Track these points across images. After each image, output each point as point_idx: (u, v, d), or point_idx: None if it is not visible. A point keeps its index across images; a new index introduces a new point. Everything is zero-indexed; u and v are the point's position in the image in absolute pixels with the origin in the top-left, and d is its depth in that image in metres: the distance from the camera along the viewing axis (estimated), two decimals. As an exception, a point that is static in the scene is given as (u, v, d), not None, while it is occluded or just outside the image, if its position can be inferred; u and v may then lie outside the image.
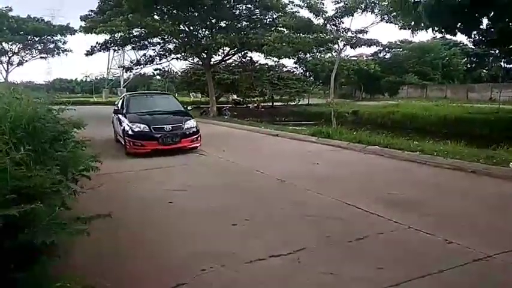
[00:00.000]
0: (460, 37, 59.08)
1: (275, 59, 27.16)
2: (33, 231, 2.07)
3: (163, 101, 12.39)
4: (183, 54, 27.46)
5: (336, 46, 19.53)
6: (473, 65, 48.45)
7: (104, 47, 26.77)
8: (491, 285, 3.25)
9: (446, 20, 15.38)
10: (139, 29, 24.09)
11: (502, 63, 34.72)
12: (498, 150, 8.72)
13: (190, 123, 10.53)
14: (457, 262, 3.59)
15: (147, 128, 9.92)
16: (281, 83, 35.59)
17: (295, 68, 38.59)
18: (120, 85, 64.18)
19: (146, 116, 10.53)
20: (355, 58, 46.96)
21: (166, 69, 34.76)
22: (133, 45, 27.58)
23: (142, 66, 29.91)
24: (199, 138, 10.52)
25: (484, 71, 47.36)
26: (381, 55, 52.27)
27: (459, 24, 16.57)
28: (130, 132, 9.92)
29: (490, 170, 7.24)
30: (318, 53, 25.44)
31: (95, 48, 26.51)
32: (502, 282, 3.29)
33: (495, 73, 42.26)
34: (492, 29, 19.25)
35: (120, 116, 11.05)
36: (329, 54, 28.54)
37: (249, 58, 30.50)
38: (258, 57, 29.60)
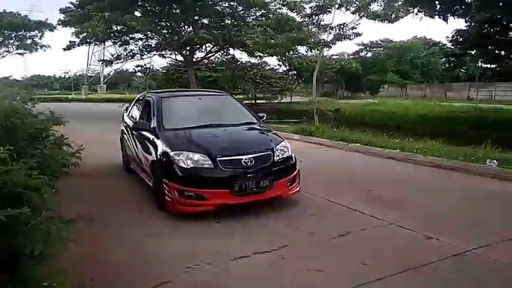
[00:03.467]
0: (439, 37, 60.26)
1: (258, 57, 27.16)
2: (20, 237, 2.02)
3: (220, 106, 6.94)
4: (165, 51, 27.21)
5: (317, 45, 19.63)
6: (452, 64, 49.35)
7: (84, 42, 26.26)
8: (470, 278, 3.34)
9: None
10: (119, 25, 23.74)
11: (479, 63, 35.56)
12: (476, 148, 8.94)
13: (284, 148, 5.54)
14: (437, 257, 3.67)
15: (209, 160, 4.98)
16: (264, 81, 35.60)
17: (278, 66, 38.65)
18: (100, 81, 63.18)
19: (201, 136, 5.58)
20: (337, 57, 47.45)
21: (147, 66, 34.39)
22: (114, 41, 27.14)
23: (123, 61, 29.48)
24: (298, 177, 5.57)
25: (462, 70, 48.37)
26: (362, 54, 52.93)
27: (438, 6, 17.06)
28: (176, 170, 4.99)
29: (468, 167, 7.43)
30: (299, 52, 25.51)
31: (74, 43, 25.99)
32: (480, 276, 3.38)
33: (472, 73, 43.22)
34: (469, 31, 19.79)
35: (145, 133, 6.00)
36: (311, 53, 28.73)
37: (231, 56, 30.44)
38: (240, 55, 29.60)
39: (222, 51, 29.42)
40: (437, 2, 17.29)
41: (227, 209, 4.86)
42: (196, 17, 25.09)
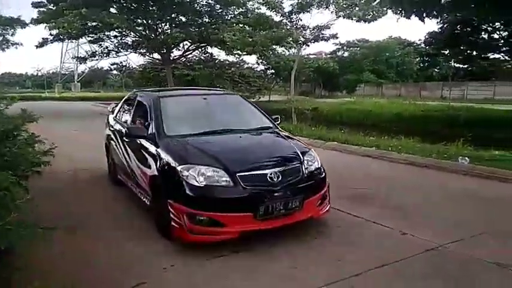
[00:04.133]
0: (414, 37, 61.59)
1: (236, 55, 27.12)
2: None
3: (229, 107, 5.85)
4: (141, 48, 26.82)
5: (295, 44, 19.81)
6: (426, 64, 50.64)
7: (57, 38, 25.58)
8: (443, 272, 3.42)
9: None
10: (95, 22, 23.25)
11: (452, 63, 36.61)
12: (448, 146, 9.18)
13: (312, 159, 4.62)
14: (411, 252, 3.75)
15: (226, 176, 3.99)
16: (242, 80, 35.54)
17: (256, 64, 38.67)
18: (74, 80, 61.73)
19: (213, 145, 4.56)
20: (315, 56, 47.93)
21: (123, 64, 33.83)
22: (89, 38, 26.57)
23: (98, 58, 28.88)
24: (328, 193, 4.68)
25: (436, 70, 49.68)
26: (339, 54, 53.61)
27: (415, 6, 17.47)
28: (185, 189, 3.95)
29: (441, 164, 7.62)
30: (277, 51, 25.62)
31: (47, 40, 25.29)
32: (452, 270, 3.48)
33: (446, 72, 44.44)
34: (442, 32, 20.31)
35: (141, 141, 4.91)
36: (289, 52, 28.90)
37: (209, 54, 30.28)
38: (218, 53, 29.48)
39: (199, 50, 29.25)
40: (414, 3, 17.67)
41: (251, 235, 3.90)
42: (173, 15, 24.83)
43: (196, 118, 5.20)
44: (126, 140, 5.47)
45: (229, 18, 25.16)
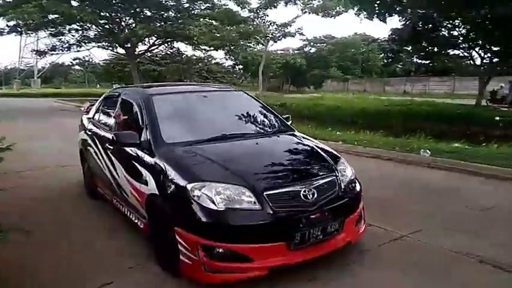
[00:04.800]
0: (378, 33, 62.93)
1: (203, 50, 26.89)
2: None
3: (236, 107, 4.88)
4: (104, 42, 26.05)
5: (262, 39, 19.87)
6: (389, 60, 51.74)
7: (14, 30, 24.38)
8: (406, 260, 3.53)
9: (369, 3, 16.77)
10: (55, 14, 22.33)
11: (414, 59, 37.78)
12: (411, 139, 9.47)
13: (346, 168, 3.85)
14: (377, 243, 3.85)
15: (251, 196, 3.08)
16: (210, 75, 35.31)
17: (224, 60, 38.52)
18: (34, 75, 59.20)
19: (228, 155, 3.67)
20: (283, 52, 48.26)
21: (86, 58, 32.79)
22: (49, 31, 25.51)
23: (58, 53, 27.80)
24: (363, 209, 3.87)
25: (399, 66, 51.08)
26: (306, 49, 54.20)
27: (377, 8, 17.97)
28: (199, 213, 3.02)
29: (404, 157, 7.85)
30: (245, 47, 25.62)
31: (3, 31, 24.07)
32: (414, 257, 3.59)
33: (408, 68, 45.88)
34: (404, 29, 20.89)
35: (132, 150, 3.96)
36: (257, 48, 28.90)
37: (176, 49, 29.84)
38: (185, 48, 29.12)
39: (165, 44, 28.75)
40: (376, 5, 18.12)
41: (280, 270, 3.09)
42: (137, 9, 24.25)
43: (198, 120, 4.23)
44: (111, 147, 4.44)
45: (195, 12, 24.85)
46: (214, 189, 3.05)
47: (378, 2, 18.03)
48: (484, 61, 21.00)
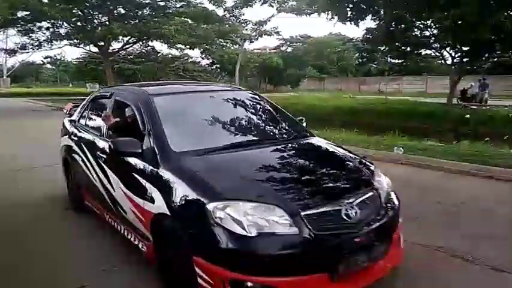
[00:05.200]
0: (353, 33, 63.95)
1: (179, 49, 26.60)
2: None
3: (247, 109, 4.22)
4: (76, 40, 25.41)
5: (238, 39, 19.83)
6: (364, 59, 53.00)
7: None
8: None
9: (341, 8, 17.03)
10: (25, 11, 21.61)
11: (388, 59, 38.58)
12: (384, 137, 9.63)
13: (383, 180, 3.33)
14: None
15: (286, 218, 2.50)
16: (186, 74, 34.97)
17: (201, 58, 38.25)
18: (2, 74, 57.22)
19: (251, 167, 3.05)
20: (259, 51, 48.31)
21: (58, 57, 31.92)
22: (18, 29, 24.67)
23: (29, 51, 26.93)
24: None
25: (374, 65, 52.12)
26: (283, 49, 54.49)
27: (350, 13, 18.26)
28: (223, 240, 2.44)
29: (378, 154, 7.96)
30: (222, 45, 25.50)
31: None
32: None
33: (382, 67, 46.85)
34: (378, 30, 21.25)
35: (133, 161, 3.31)
36: (233, 47, 28.83)
37: (151, 47, 29.42)
38: (161, 46, 28.76)
39: (140, 43, 28.31)
40: (348, 10, 18.39)
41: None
42: (111, 6, 23.76)
43: (208, 125, 3.60)
44: (103, 155, 3.86)
45: (171, 11, 24.55)
46: (241, 209, 2.47)
47: (350, 8, 18.30)
48: (455, 61, 21.59)
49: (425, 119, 16.96)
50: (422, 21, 19.99)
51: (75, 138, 4.79)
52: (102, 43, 24.89)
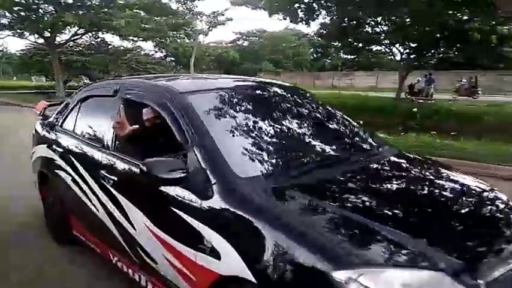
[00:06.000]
0: (307, 29, 65.08)
1: (131, 41, 25.77)
2: None
3: (304, 109, 3.14)
4: (20, 30, 23.89)
5: (191, 31, 19.53)
6: (319, 55, 54.05)
7: None
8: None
9: (292, 11, 17.18)
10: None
11: (341, 54, 39.55)
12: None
13: None
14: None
15: None
16: (140, 66, 34.00)
17: (154, 51, 37.30)
18: None
19: (373, 201, 2.08)
20: (215, 45, 47.97)
21: (0, 48, 29.91)
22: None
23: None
24: None
25: (328, 60, 53.27)
26: (239, 43, 54.43)
27: (302, 14, 18.50)
28: None
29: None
30: (175, 38, 24.99)
31: None
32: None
33: (336, 63, 48.01)
34: (331, 26, 21.72)
35: (169, 190, 2.26)
36: (188, 40, 28.32)
37: (101, 39, 28.29)
38: (112, 38, 27.74)
39: (90, 34, 27.14)
40: (300, 11, 18.66)
41: None
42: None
43: (272, 136, 2.60)
44: (114, 177, 2.78)
45: (122, 2, 23.68)
46: (394, 280, 1.55)
47: (302, 9, 18.57)
48: (403, 57, 22.50)
49: (376, 112, 17.57)
50: (373, 18, 20.62)
51: (60, 149, 3.63)
52: (49, 34, 23.58)
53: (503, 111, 15.89)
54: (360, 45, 24.56)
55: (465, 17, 16.83)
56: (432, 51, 21.73)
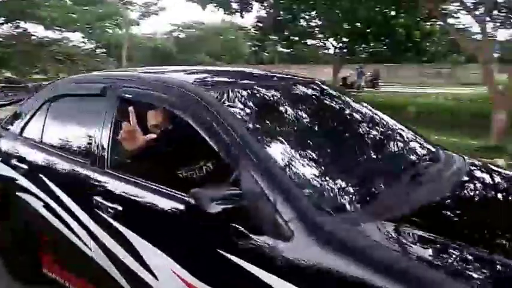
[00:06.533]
0: (245, 22, 65.09)
1: (58, 32, 24.12)
2: None
3: (342, 113, 2.58)
4: None
5: (121, 22, 18.70)
6: (257, 48, 54.30)
7: None
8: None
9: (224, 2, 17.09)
10: None
11: (278, 48, 40.10)
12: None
13: None
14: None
15: None
16: (67, 58, 31.87)
17: (82, 43, 35.16)
18: None
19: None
20: (151, 36, 46.46)
21: None
22: None
23: None
24: None
25: (266, 53, 53.76)
26: (175, 34, 53.14)
27: (234, 5, 18.45)
28: None
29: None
30: (104, 29, 23.81)
31: None
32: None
33: (273, 56, 48.65)
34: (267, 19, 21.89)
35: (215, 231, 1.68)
36: (120, 31, 27.12)
37: (23, 29, 26.11)
38: (35, 28, 25.75)
39: (10, 24, 24.96)
40: (233, 3, 18.59)
41: None
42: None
43: (339, 149, 2.13)
44: (118, 207, 2.09)
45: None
46: None
47: (234, 1, 18.54)
48: (336, 51, 23.31)
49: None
50: (307, 13, 21.07)
51: (23, 166, 2.80)
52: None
53: (418, 102, 16.87)
54: (296, 38, 25.04)
55: (392, 13, 17.77)
56: (363, 45, 22.75)
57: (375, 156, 2.21)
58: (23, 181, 2.79)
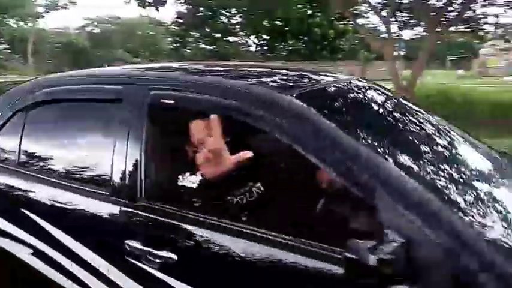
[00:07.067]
0: (165, 17, 63.46)
1: None
2: None
3: (404, 117, 1.98)
4: None
5: (27, 15, 17.20)
6: (178, 44, 53.27)
7: None
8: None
9: None
10: None
11: (200, 44, 39.78)
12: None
13: None
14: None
15: None
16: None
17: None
18: None
19: None
20: (62, 31, 43.52)
21: None
22: None
23: None
24: None
25: (187, 50, 52.94)
26: (89, 29, 50.23)
27: None
28: None
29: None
30: (7, 21, 21.73)
31: None
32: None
33: (194, 52, 48.06)
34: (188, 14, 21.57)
35: None
36: (26, 25, 24.85)
37: None
38: None
39: None
40: None
41: None
42: None
43: (421, 164, 1.53)
44: (175, 258, 1.43)
45: None
46: None
47: None
48: (258, 48, 23.77)
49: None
50: (227, 10, 21.18)
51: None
52: None
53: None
54: (218, 35, 25.06)
55: (308, 12, 18.56)
56: (282, 43, 23.47)
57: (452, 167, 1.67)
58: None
